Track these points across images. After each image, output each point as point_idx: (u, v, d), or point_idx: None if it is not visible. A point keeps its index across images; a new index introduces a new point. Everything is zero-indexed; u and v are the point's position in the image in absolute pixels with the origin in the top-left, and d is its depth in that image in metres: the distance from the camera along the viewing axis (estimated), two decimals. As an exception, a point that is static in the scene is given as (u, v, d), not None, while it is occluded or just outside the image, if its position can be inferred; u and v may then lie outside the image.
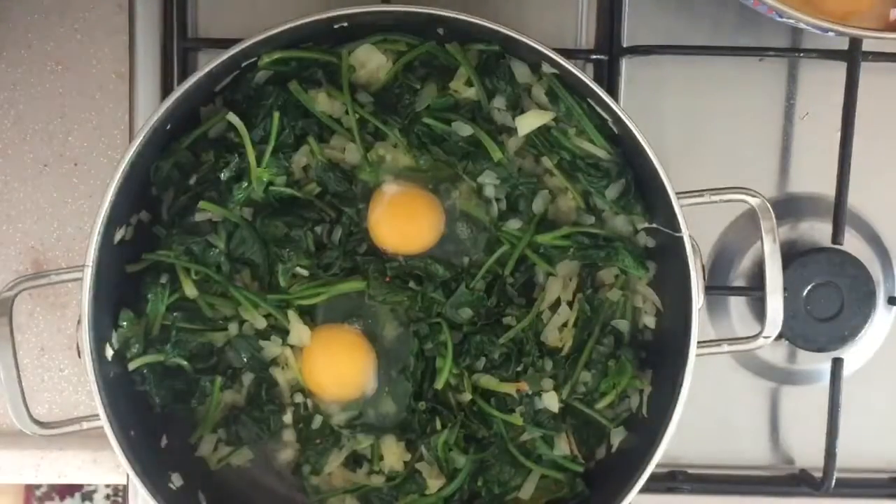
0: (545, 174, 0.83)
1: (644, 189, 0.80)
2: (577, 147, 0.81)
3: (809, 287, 0.89)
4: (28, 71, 0.91)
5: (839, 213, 0.88)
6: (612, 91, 0.88)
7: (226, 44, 0.76)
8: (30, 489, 0.96)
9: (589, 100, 0.79)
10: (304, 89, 0.81)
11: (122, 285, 0.80)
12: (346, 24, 0.78)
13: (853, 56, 0.87)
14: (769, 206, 0.77)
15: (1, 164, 0.92)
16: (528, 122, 0.81)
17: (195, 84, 0.75)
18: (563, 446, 0.84)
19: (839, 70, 0.87)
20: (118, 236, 0.78)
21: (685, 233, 0.75)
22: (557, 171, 0.82)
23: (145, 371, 0.81)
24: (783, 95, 0.92)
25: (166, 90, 0.89)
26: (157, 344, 0.81)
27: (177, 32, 0.88)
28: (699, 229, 0.78)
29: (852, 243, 0.90)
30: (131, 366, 0.80)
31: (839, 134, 0.88)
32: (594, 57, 0.89)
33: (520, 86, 0.81)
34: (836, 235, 0.88)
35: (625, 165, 0.81)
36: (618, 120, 0.76)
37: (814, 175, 0.92)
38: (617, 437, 0.83)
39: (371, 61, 0.82)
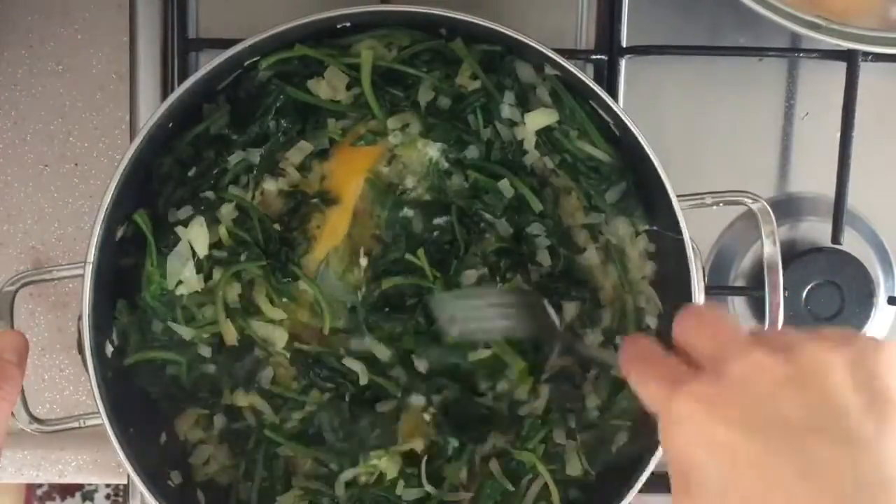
0: (551, 174, 0.83)
1: (645, 191, 0.80)
2: (578, 149, 0.81)
3: (809, 287, 0.89)
4: (28, 71, 0.91)
5: (839, 213, 0.87)
6: (612, 91, 0.88)
7: (226, 44, 0.76)
8: (30, 489, 0.96)
9: (591, 102, 0.79)
10: (304, 87, 0.81)
11: (122, 282, 0.80)
12: (348, 24, 0.78)
13: (853, 56, 0.87)
14: (769, 209, 0.77)
15: (1, 164, 0.92)
16: (538, 120, 0.81)
17: (197, 83, 0.75)
18: (574, 465, 0.84)
19: (839, 70, 0.87)
20: (119, 234, 0.78)
21: (686, 235, 0.75)
22: (562, 172, 0.82)
23: (142, 368, 0.81)
24: (783, 95, 0.92)
25: (166, 90, 0.89)
26: (153, 341, 0.82)
27: (177, 32, 0.88)
28: (699, 229, 0.78)
29: (852, 243, 0.90)
30: (126, 361, 0.80)
31: (839, 134, 0.87)
32: (594, 57, 0.89)
33: (524, 85, 0.81)
34: (836, 235, 0.88)
35: (626, 168, 0.81)
36: (619, 122, 0.76)
37: (814, 175, 0.92)
38: (618, 438, 0.83)
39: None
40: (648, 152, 0.74)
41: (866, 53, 0.87)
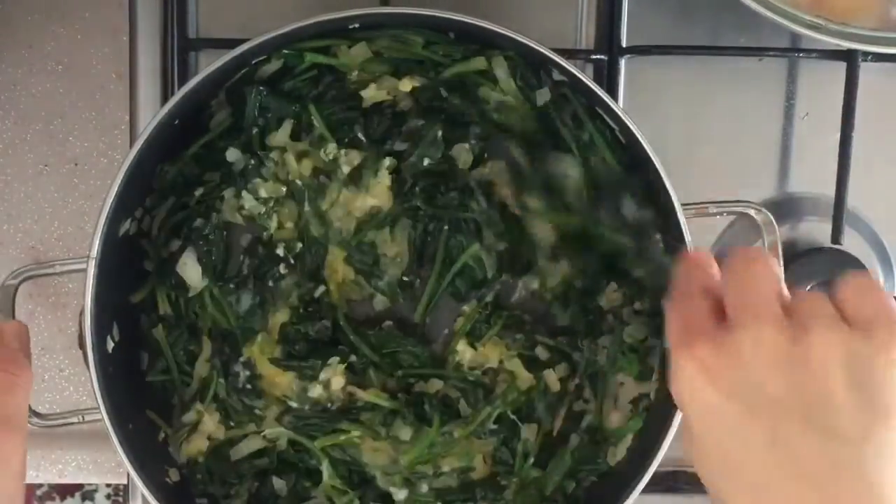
0: None
1: (647, 198, 0.80)
2: None
3: (809, 287, 0.89)
4: (28, 71, 0.91)
5: (839, 213, 0.88)
6: (612, 91, 0.88)
7: (226, 44, 0.76)
8: (30, 488, 0.96)
9: (595, 107, 0.78)
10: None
11: (123, 279, 0.81)
12: (357, 25, 0.78)
13: (853, 56, 0.87)
14: (773, 219, 0.77)
15: (1, 164, 0.92)
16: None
17: (202, 81, 0.75)
18: None
19: (839, 70, 0.87)
20: (122, 230, 0.79)
21: (689, 244, 0.75)
22: None
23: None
24: (783, 95, 0.92)
25: (166, 90, 0.89)
26: None
27: (177, 32, 0.88)
28: (699, 230, 0.78)
29: (852, 243, 0.90)
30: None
31: (839, 134, 0.88)
32: (594, 57, 0.89)
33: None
34: (836, 235, 0.88)
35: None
36: (622, 125, 0.76)
37: (814, 175, 0.92)
38: (617, 451, 0.84)
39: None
40: (653, 159, 0.74)
41: (866, 53, 0.87)
